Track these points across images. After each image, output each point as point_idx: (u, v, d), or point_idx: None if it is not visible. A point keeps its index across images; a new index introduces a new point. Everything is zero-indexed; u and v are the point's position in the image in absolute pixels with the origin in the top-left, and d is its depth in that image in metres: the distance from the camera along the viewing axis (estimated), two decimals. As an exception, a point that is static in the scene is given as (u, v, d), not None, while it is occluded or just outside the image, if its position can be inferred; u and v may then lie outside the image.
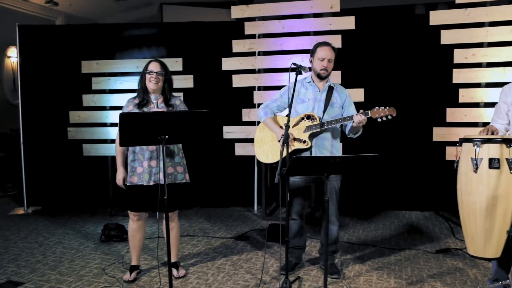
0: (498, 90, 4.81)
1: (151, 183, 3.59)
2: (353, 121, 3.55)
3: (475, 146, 2.97)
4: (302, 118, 3.71)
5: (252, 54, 5.51)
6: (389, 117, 3.53)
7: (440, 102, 5.14)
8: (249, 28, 5.48)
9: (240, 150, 5.62)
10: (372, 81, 5.50)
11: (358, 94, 5.10)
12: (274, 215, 5.90)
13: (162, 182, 3.55)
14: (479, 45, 4.85)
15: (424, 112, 5.59)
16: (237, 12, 5.53)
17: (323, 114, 3.71)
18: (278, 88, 5.25)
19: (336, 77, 5.19)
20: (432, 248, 4.50)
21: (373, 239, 4.84)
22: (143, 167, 3.60)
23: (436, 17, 4.92)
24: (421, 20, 5.00)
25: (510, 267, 3.11)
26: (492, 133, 3.10)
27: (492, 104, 4.83)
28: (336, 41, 5.20)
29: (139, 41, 6.19)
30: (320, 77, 3.79)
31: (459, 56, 4.87)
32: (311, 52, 3.83)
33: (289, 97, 3.75)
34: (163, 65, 3.71)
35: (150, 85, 3.64)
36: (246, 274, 3.91)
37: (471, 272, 3.89)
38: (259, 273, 3.89)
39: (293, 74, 3.48)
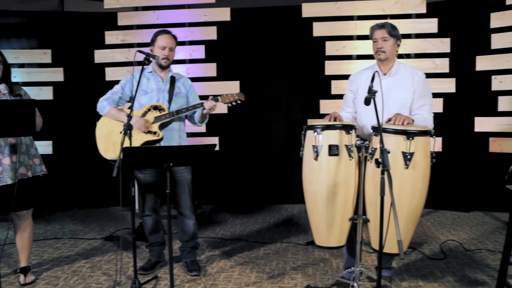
0: (367, 82, 4.93)
1: (16, 180, 3.26)
2: (204, 108, 3.46)
3: (315, 133, 2.94)
4: (149, 109, 3.53)
5: (127, 46, 5.25)
6: (238, 101, 3.56)
7: (314, 93, 5.17)
8: (123, 19, 5.22)
9: (116, 146, 5.34)
10: (248, 74, 5.44)
11: (234, 87, 5.01)
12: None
13: (20, 177, 3.29)
14: (349, 38, 4.92)
15: (300, 104, 5.63)
16: (110, 1, 5.25)
17: (169, 104, 3.57)
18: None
19: (211, 69, 5.07)
20: (304, 240, 4.49)
21: (248, 234, 4.76)
22: (3, 165, 3.24)
23: (308, 9, 4.93)
24: (295, 13, 4.98)
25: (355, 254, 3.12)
26: (335, 120, 3.08)
27: (362, 96, 4.92)
28: (212, 33, 5.08)
29: (7, 30, 5.72)
30: (162, 67, 3.63)
31: (331, 48, 4.91)
32: (151, 40, 3.65)
33: (132, 88, 3.64)
34: (0, 52, 3.36)
35: None
36: (102, 276, 3.67)
37: (335, 262, 3.90)
38: (116, 274, 3.68)
39: (138, 62, 3.31)
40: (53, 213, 5.73)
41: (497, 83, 4.64)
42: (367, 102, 2.73)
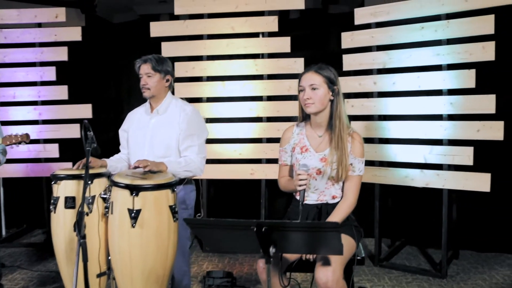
0: (219, 105, 4.68)
1: None
2: None
3: (53, 183, 2.71)
4: None
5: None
6: (23, 143, 3.28)
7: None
8: (-32, 36, 4.97)
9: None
10: (101, 96, 5.19)
11: (86, 111, 4.77)
12: None
13: None
14: (199, 58, 4.66)
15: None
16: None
17: None
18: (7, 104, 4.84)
19: (62, 92, 4.82)
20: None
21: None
22: None
23: (156, 28, 4.67)
24: (146, 32, 4.70)
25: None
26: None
27: (215, 120, 4.66)
28: (62, 53, 4.83)
29: None
30: None
31: (180, 69, 4.61)
32: None
33: None
34: None
35: None
36: None
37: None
38: None
39: None
40: None
41: (349, 107, 4.35)
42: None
